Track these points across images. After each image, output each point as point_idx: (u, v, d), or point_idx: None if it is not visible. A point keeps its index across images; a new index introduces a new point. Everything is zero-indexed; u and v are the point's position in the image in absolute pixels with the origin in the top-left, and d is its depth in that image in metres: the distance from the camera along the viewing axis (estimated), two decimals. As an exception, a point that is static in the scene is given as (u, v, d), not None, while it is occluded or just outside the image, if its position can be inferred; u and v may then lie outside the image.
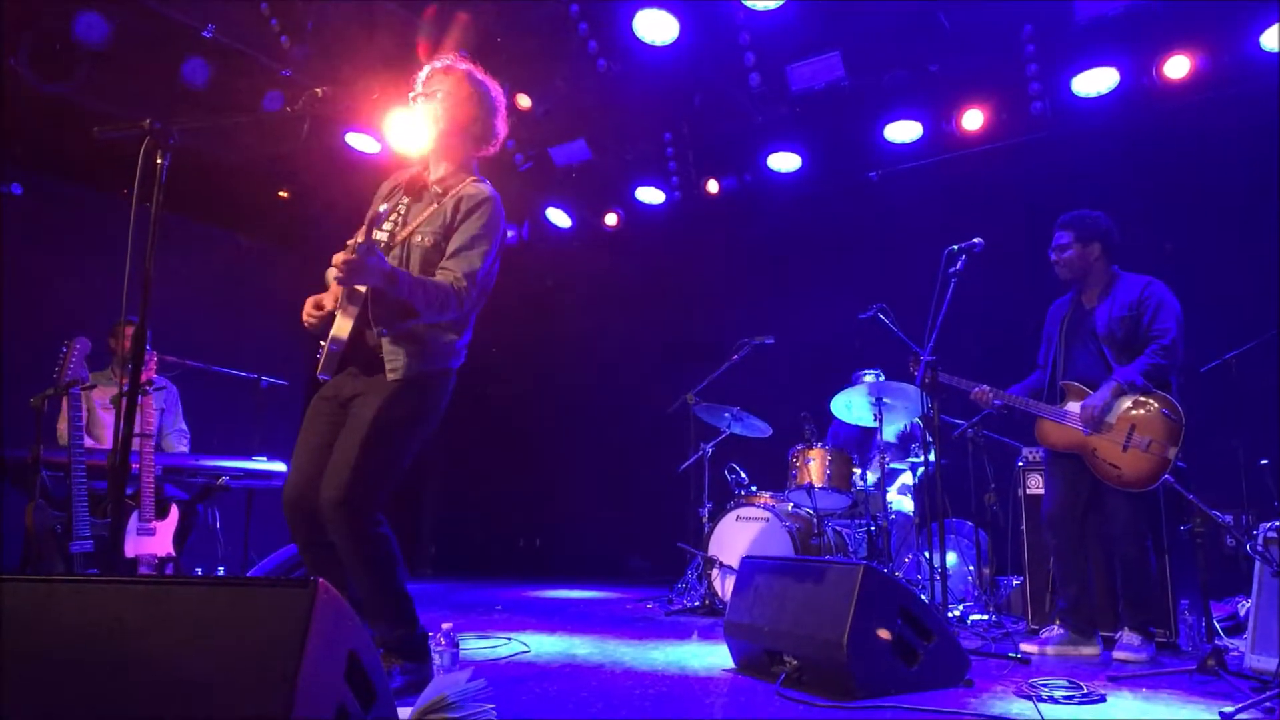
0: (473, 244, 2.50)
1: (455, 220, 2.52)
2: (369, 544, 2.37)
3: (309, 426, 2.52)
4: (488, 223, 2.53)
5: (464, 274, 2.46)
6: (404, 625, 2.47)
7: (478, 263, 2.49)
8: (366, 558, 2.37)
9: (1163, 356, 3.43)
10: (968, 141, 5.91)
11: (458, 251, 2.49)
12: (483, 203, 2.54)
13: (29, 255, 5.29)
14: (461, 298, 2.44)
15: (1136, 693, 2.71)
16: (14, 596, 1.37)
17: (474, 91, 2.63)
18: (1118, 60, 5.29)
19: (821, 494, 4.74)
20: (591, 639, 3.66)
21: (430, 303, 2.39)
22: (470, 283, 2.46)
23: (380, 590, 2.42)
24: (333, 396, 2.52)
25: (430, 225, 2.52)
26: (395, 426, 2.43)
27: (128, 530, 3.39)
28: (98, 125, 2.24)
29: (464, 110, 2.61)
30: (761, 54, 5.59)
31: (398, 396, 2.43)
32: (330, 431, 2.47)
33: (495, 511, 8.30)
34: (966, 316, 4.05)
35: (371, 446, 2.37)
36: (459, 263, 2.47)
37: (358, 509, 2.33)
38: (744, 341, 5.24)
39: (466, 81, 2.62)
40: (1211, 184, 5.20)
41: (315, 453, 2.45)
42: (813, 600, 2.67)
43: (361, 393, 2.47)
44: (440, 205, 2.54)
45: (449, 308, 2.42)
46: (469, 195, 2.55)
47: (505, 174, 6.94)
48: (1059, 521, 3.63)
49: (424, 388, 2.49)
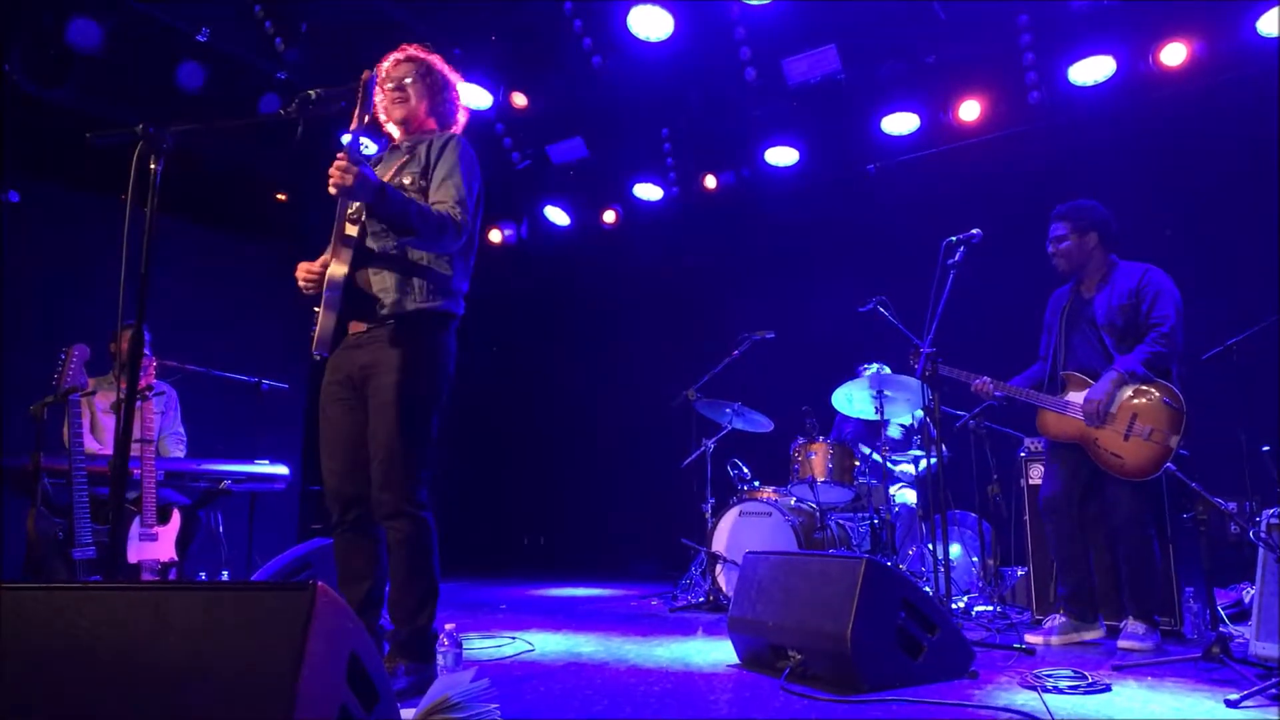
0: (452, 172, 2.60)
1: (431, 158, 2.63)
2: (415, 534, 2.49)
3: (327, 415, 2.60)
4: (462, 153, 2.63)
5: (455, 201, 2.54)
6: (423, 617, 2.51)
7: (463, 188, 2.58)
8: (411, 547, 2.48)
9: (1162, 344, 3.42)
10: (965, 132, 5.91)
11: (442, 181, 2.59)
12: (452, 139, 2.66)
13: (27, 263, 5.29)
14: (459, 223, 2.52)
15: (1142, 681, 2.70)
16: (13, 604, 1.37)
17: (433, 79, 2.75)
18: (1114, 48, 5.28)
19: (824, 488, 4.74)
20: (596, 637, 3.66)
21: (429, 221, 2.45)
22: (462, 208, 2.55)
23: (415, 579, 2.50)
24: (344, 379, 2.57)
25: (409, 169, 2.62)
26: (419, 398, 2.51)
27: (130, 536, 3.39)
28: (93, 131, 2.24)
29: (429, 93, 2.73)
30: (757, 48, 5.58)
31: (408, 358, 2.49)
32: (348, 414, 2.55)
33: (499, 511, 8.31)
34: (966, 308, 4.04)
35: (406, 432, 2.47)
36: (446, 190, 2.57)
37: (406, 498, 2.47)
38: (744, 336, 5.23)
39: (424, 68, 2.74)
40: (1210, 170, 5.19)
41: (348, 442, 2.55)
42: (816, 594, 2.66)
43: (372, 366, 2.51)
44: (414, 153, 2.65)
45: (447, 231, 2.49)
46: (439, 136, 2.69)
47: (502, 173, 6.95)
48: (1056, 508, 3.63)
49: (430, 330, 2.56)
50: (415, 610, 2.50)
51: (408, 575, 2.50)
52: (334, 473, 2.57)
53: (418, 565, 2.50)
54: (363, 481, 2.53)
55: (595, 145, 6.70)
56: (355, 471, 2.54)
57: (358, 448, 2.53)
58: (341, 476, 2.56)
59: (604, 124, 6.58)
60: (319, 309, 2.46)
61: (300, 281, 2.56)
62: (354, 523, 2.57)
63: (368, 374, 2.52)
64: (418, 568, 2.50)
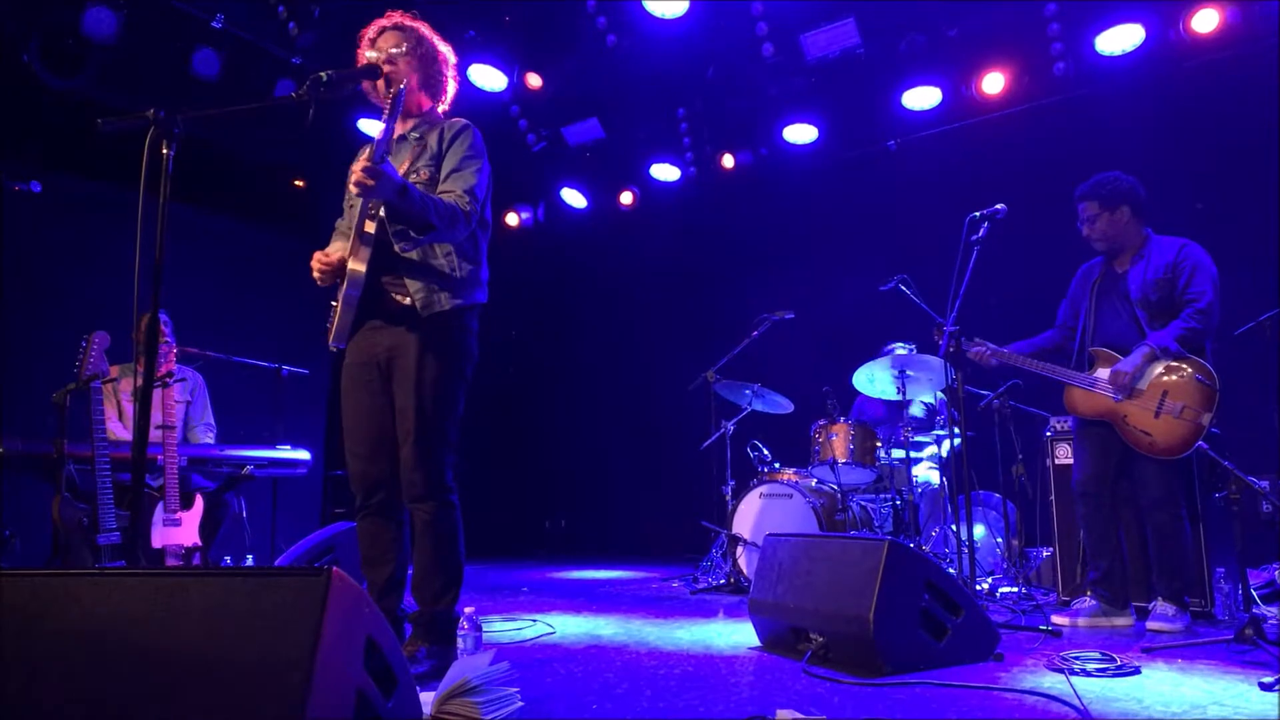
0: (464, 164, 2.59)
1: (443, 148, 2.61)
2: (442, 517, 2.52)
3: (350, 400, 2.60)
4: (473, 143, 2.63)
5: (464, 190, 2.54)
6: (447, 599, 2.54)
7: (473, 179, 2.58)
8: (438, 530, 2.51)
9: (1198, 321, 3.33)
10: (988, 106, 5.78)
11: (452, 173, 2.58)
12: (464, 129, 2.65)
13: (50, 252, 5.34)
14: (468, 213, 2.52)
15: (1172, 664, 2.65)
16: (29, 590, 1.37)
17: (424, 49, 2.69)
18: (1143, 16, 5.13)
19: (845, 469, 4.70)
20: (617, 619, 3.66)
21: (443, 215, 2.45)
22: (472, 198, 2.55)
23: (441, 561, 2.52)
24: (366, 361, 2.57)
25: (421, 160, 2.61)
26: (446, 378, 2.52)
27: (154, 522, 3.43)
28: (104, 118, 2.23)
29: (420, 66, 2.67)
30: (774, 24, 5.49)
31: (436, 348, 2.50)
32: (371, 397, 2.56)
33: (520, 494, 8.35)
34: (991, 285, 3.97)
35: (435, 415, 2.49)
36: (456, 181, 2.56)
37: (434, 482, 2.50)
38: (764, 317, 5.18)
39: (415, 38, 2.69)
40: (1242, 141, 5.04)
41: (372, 425, 2.56)
42: (838, 576, 2.63)
43: (396, 349, 2.52)
44: (425, 143, 2.63)
45: (458, 222, 2.49)
46: (449, 125, 2.66)
47: (518, 155, 6.91)
48: (1089, 490, 3.56)
49: (459, 328, 2.57)
50: (439, 593, 2.52)
51: (433, 559, 2.51)
52: (358, 456, 2.58)
53: (444, 549, 2.52)
54: (387, 464, 2.55)
55: (611, 126, 6.64)
56: (379, 454, 2.55)
57: (382, 430, 2.55)
58: (366, 460, 2.56)
59: (620, 104, 6.51)
60: (336, 303, 2.45)
61: (315, 273, 2.54)
62: (378, 506, 2.58)
63: (393, 355, 2.52)
64: (444, 552, 2.52)
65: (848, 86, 6.00)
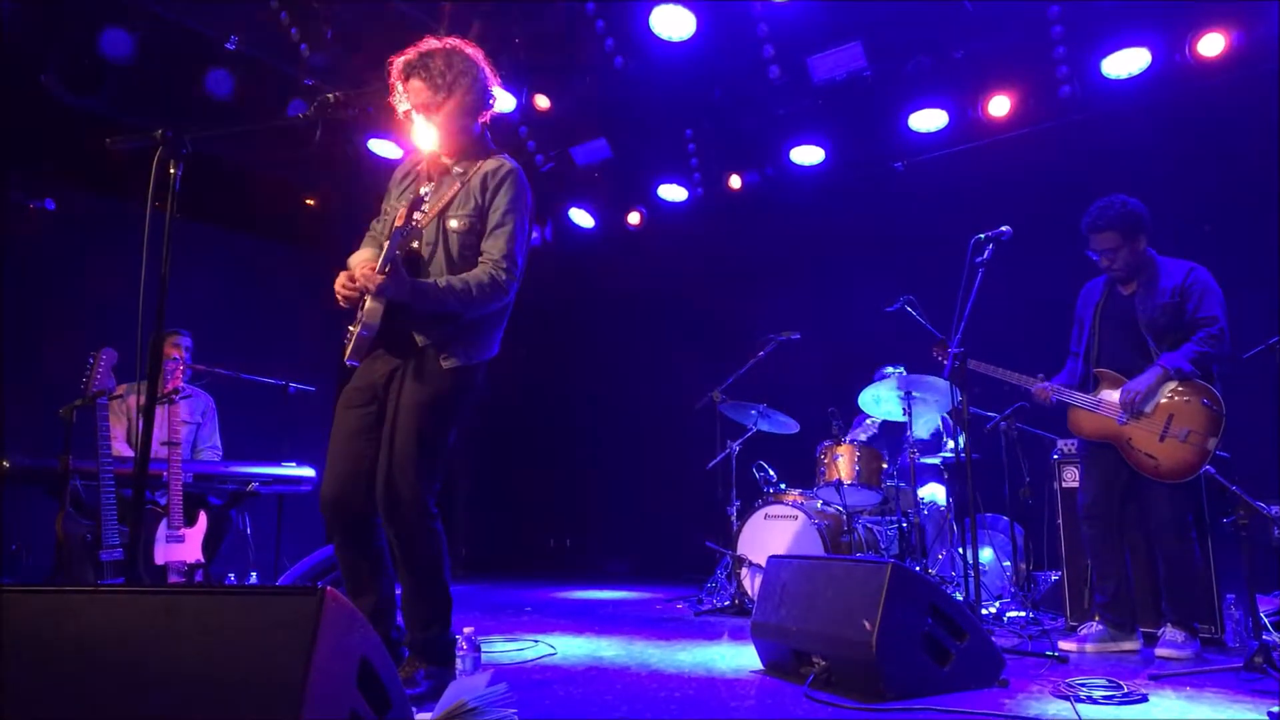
0: (504, 220, 2.53)
1: (485, 200, 2.54)
2: (424, 542, 2.42)
3: (342, 422, 2.52)
4: (515, 194, 2.55)
5: (502, 256, 2.49)
6: (438, 626, 2.49)
7: (514, 240, 2.52)
8: (419, 555, 2.43)
9: (1211, 345, 3.31)
10: (994, 128, 5.79)
11: (492, 231, 2.52)
12: (507, 175, 2.56)
13: (62, 268, 5.40)
14: (505, 282, 2.48)
15: (1180, 691, 2.62)
16: (26, 607, 1.38)
17: (462, 66, 2.57)
18: (1149, 39, 5.14)
19: (851, 490, 4.67)
20: (619, 640, 3.64)
21: (468, 302, 2.42)
22: (510, 264, 2.50)
23: (426, 588, 2.46)
24: (364, 386, 2.52)
25: (462, 209, 2.53)
26: (442, 417, 2.46)
27: (157, 538, 3.44)
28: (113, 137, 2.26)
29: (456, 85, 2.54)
30: (781, 46, 5.52)
31: (441, 384, 2.45)
32: (362, 423, 2.48)
33: (526, 513, 8.33)
34: (996, 306, 3.96)
35: (425, 440, 2.41)
36: (495, 244, 2.51)
37: (415, 504, 2.39)
38: (770, 337, 5.17)
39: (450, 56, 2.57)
40: (1249, 164, 5.03)
41: (352, 449, 2.46)
42: (841, 600, 2.61)
43: (399, 372, 2.47)
44: (466, 186, 2.55)
45: (491, 298, 2.46)
46: (491, 171, 2.58)
47: (526, 175, 6.94)
48: (1096, 514, 3.53)
49: (467, 382, 2.51)
50: (428, 622, 2.47)
51: (416, 590, 2.46)
52: (335, 478, 2.45)
53: (429, 574, 2.46)
54: (362, 490, 2.44)
55: (619, 146, 6.68)
56: (357, 479, 2.44)
57: (361, 454, 2.45)
58: (343, 483, 2.44)
59: (627, 125, 6.56)
60: (354, 327, 2.39)
61: (339, 295, 2.48)
62: (354, 538, 2.47)
63: (392, 378, 2.49)
64: (429, 577, 2.46)
65: (854, 108, 6.02)
